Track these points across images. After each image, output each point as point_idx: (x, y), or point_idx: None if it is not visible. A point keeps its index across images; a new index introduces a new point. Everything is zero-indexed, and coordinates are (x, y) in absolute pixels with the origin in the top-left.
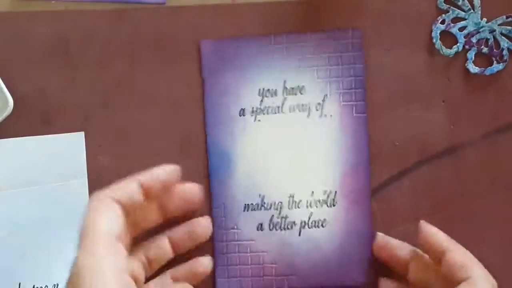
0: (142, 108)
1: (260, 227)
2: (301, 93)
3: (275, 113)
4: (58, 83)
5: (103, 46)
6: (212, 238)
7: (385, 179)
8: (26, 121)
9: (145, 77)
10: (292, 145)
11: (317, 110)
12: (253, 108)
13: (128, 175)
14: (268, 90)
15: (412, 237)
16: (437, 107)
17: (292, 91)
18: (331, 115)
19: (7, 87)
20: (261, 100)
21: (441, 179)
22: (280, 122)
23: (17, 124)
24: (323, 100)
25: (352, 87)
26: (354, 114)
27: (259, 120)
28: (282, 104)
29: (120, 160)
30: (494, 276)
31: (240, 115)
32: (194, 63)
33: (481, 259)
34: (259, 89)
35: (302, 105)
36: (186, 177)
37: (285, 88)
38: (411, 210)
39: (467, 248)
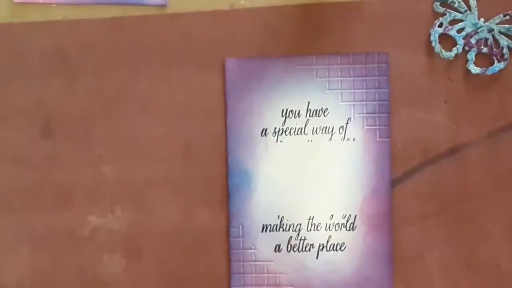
0: (143, 117)
1: (278, 248)
2: (324, 115)
3: (298, 134)
4: (58, 94)
5: (103, 55)
6: (228, 258)
7: None
8: (27, 133)
9: (145, 85)
10: (313, 167)
11: (340, 133)
12: (275, 128)
13: (130, 184)
14: (292, 111)
15: (417, 239)
16: (440, 108)
17: (316, 113)
18: (354, 139)
19: (7, 98)
20: (284, 121)
21: (444, 179)
22: (302, 144)
23: (18, 136)
24: (347, 123)
25: (376, 112)
26: (378, 139)
27: (281, 141)
28: (305, 125)
29: (121, 170)
30: (500, 275)
31: (262, 135)
32: (193, 69)
33: (486, 259)
34: (282, 110)
35: (325, 127)
36: (188, 184)
37: (308, 109)
38: (415, 211)
39: (472, 247)
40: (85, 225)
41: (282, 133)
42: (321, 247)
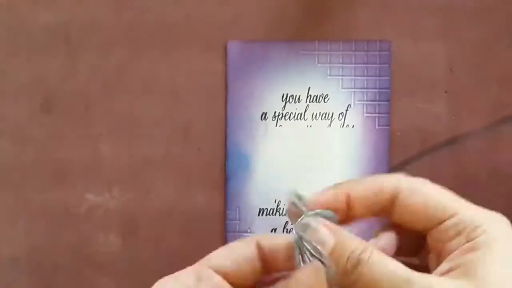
0: (143, 96)
1: (274, 232)
2: (324, 102)
3: (297, 119)
4: (59, 71)
5: (105, 33)
6: (224, 241)
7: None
8: (26, 109)
9: (146, 65)
10: (311, 153)
11: (339, 119)
12: (275, 112)
13: (128, 164)
14: (292, 96)
15: None
16: (440, 98)
17: (316, 98)
18: (353, 126)
19: (8, 74)
20: (284, 106)
21: (442, 169)
22: (302, 129)
23: (17, 112)
24: (346, 110)
25: (377, 99)
26: (377, 127)
27: (280, 125)
28: (305, 111)
29: (120, 149)
30: None
31: (262, 119)
32: (196, 51)
33: None
34: (283, 94)
35: (325, 113)
36: (186, 165)
37: (308, 95)
38: None
39: None
40: (83, 203)
41: (281, 117)
42: None
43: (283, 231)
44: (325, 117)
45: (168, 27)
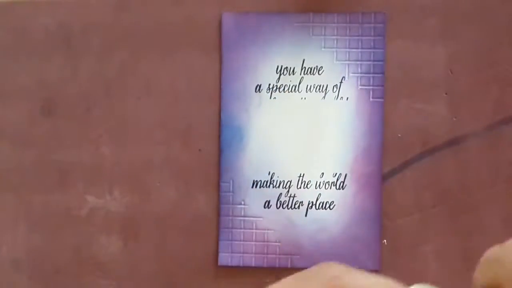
0: (143, 98)
1: (267, 204)
2: (319, 74)
3: (291, 91)
4: (60, 73)
5: (105, 36)
6: (217, 213)
7: (387, 170)
8: (27, 111)
9: (146, 67)
10: (305, 125)
11: (333, 92)
12: (269, 85)
13: (129, 166)
14: (286, 68)
15: (414, 229)
16: (440, 99)
17: (310, 71)
18: (347, 98)
19: (8, 77)
20: (278, 78)
21: (443, 170)
22: (296, 101)
23: (18, 114)
24: (341, 82)
25: (371, 72)
26: (371, 99)
27: (274, 98)
28: (299, 83)
29: (121, 151)
30: None
31: (256, 91)
32: (195, 53)
33: (482, 250)
34: (277, 66)
35: (319, 86)
36: (187, 167)
37: (303, 67)
38: (413, 202)
39: (469, 239)
40: (83, 206)
41: (276, 89)
42: (310, 205)
43: (277, 203)
44: (319, 89)
45: (168, 29)
